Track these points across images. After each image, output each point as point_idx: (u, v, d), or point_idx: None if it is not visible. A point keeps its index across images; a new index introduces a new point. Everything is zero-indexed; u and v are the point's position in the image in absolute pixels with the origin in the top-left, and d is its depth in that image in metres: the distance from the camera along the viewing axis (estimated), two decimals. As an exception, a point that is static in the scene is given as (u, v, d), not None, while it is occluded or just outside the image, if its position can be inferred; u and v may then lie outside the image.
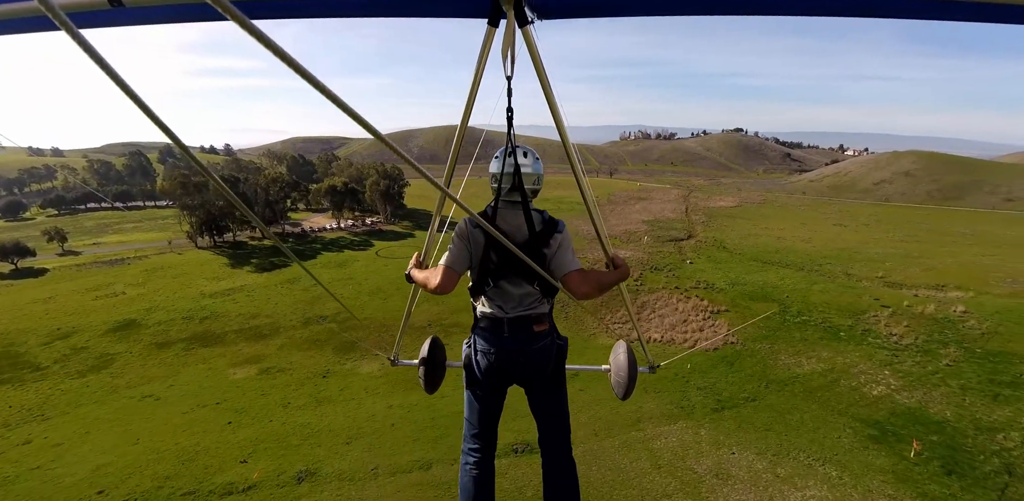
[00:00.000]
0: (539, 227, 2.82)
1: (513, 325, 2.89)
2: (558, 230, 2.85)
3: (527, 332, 2.91)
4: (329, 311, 47.97)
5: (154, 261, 72.01)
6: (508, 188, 2.83)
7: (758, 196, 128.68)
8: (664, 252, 65.12)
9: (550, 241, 2.80)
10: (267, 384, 33.46)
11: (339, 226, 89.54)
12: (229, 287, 57.76)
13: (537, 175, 2.90)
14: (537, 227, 2.81)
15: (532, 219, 2.80)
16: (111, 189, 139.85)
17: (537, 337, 2.94)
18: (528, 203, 2.85)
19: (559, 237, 2.82)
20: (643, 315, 41.27)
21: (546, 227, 2.85)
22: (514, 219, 2.84)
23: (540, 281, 2.82)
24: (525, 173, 2.82)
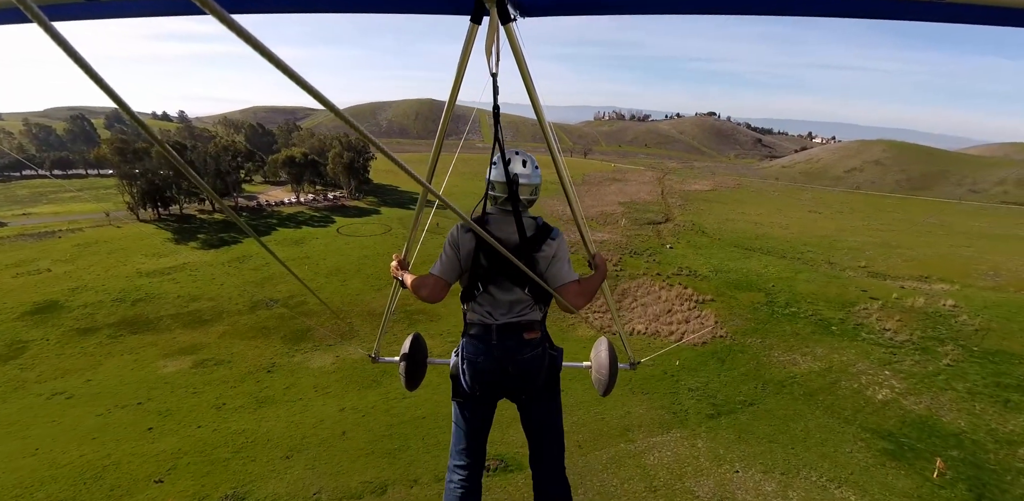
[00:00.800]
0: (531, 233, 2.76)
1: (502, 332, 2.78)
2: (552, 237, 2.79)
3: (516, 340, 2.78)
4: (281, 294, 43.51)
5: (88, 235, 65.37)
6: (504, 198, 2.75)
7: (732, 181, 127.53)
8: (643, 235, 62.37)
9: (543, 246, 2.74)
10: (201, 380, 29.20)
11: (298, 200, 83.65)
12: (170, 265, 52.36)
13: (534, 186, 2.82)
14: (529, 232, 2.74)
15: (523, 225, 2.70)
16: (49, 156, 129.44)
17: (527, 345, 2.80)
18: (520, 211, 2.71)
19: (553, 244, 2.77)
20: (624, 303, 38.34)
21: (538, 233, 2.78)
22: (507, 225, 2.75)
23: (531, 287, 2.74)
24: (522, 184, 2.74)
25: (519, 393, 2.94)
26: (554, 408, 3.07)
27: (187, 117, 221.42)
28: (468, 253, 2.77)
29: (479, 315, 2.84)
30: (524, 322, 2.81)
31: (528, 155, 2.84)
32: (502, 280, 2.76)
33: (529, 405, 3.00)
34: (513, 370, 2.81)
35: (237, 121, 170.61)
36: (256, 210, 78.11)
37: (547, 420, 3.03)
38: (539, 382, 2.92)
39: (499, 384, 2.88)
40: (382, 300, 42.02)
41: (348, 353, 31.64)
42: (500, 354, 2.78)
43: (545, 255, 2.74)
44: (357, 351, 31.95)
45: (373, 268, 49.47)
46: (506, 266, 2.65)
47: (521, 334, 2.79)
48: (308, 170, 78.89)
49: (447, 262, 2.79)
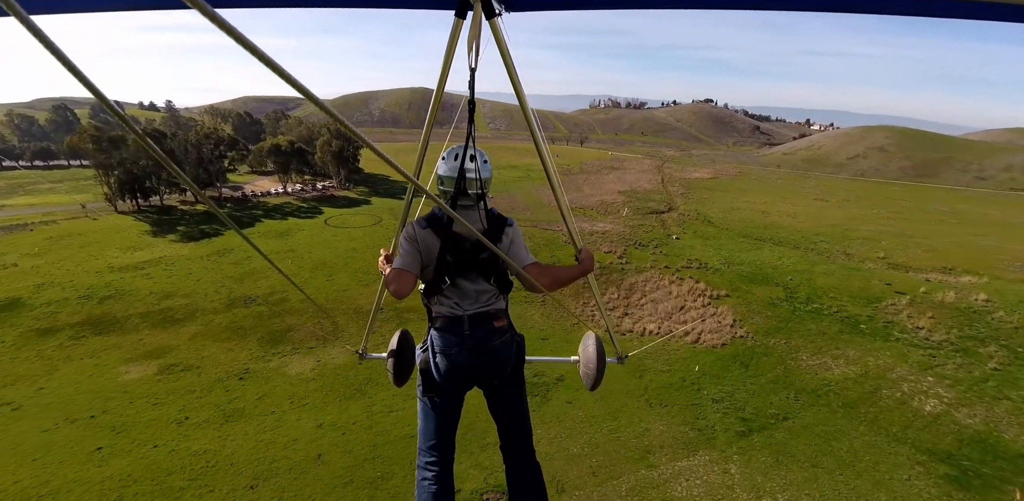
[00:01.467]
0: (488, 224, 2.85)
1: (473, 322, 2.84)
2: (508, 224, 2.91)
3: (487, 329, 2.86)
4: (261, 290, 40.32)
5: (62, 227, 61.78)
6: (452, 192, 2.81)
7: (733, 168, 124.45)
8: (646, 226, 59.33)
9: (502, 236, 2.85)
10: (165, 388, 26.14)
11: (285, 191, 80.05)
12: (145, 259, 49.03)
13: (483, 180, 2.83)
14: (487, 224, 2.85)
15: (483, 217, 2.83)
16: (29, 146, 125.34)
17: (497, 333, 2.89)
18: (484, 203, 2.86)
19: (510, 232, 2.89)
20: (633, 299, 35.39)
21: (496, 223, 2.88)
22: (467, 218, 2.80)
23: (496, 277, 2.86)
24: (469, 178, 2.78)
25: (492, 380, 2.98)
26: (521, 392, 3.12)
27: (174, 107, 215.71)
28: (431, 249, 2.80)
29: (448, 307, 2.86)
30: (492, 311, 2.89)
31: (478, 149, 2.81)
32: (469, 272, 2.82)
33: (499, 391, 3.05)
34: (486, 358, 2.86)
35: (225, 110, 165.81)
36: (241, 201, 74.51)
37: (516, 404, 3.09)
38: (509, 367, 2.97)
39: (473, 373, 2.90)
40: (370, 297, 38.96)
41: (330, 357, 28.62)
42: (473, 343, 2.81)
43: (504, 244, 2.84)
44: (340, 354, 28.96)
45: (362, 262, 46.32)
46: (473, 258, 2.76)
47: (491, 323, 2.86)
48: (295, 159, 75.23)
49: (408, 257, 2.79)
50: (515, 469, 3.03)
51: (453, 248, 2.79)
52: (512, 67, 2.11)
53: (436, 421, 2.98)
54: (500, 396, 3.07)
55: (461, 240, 2.80)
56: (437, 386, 2.94)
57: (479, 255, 2.79)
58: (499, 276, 2.86)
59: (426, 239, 2.80)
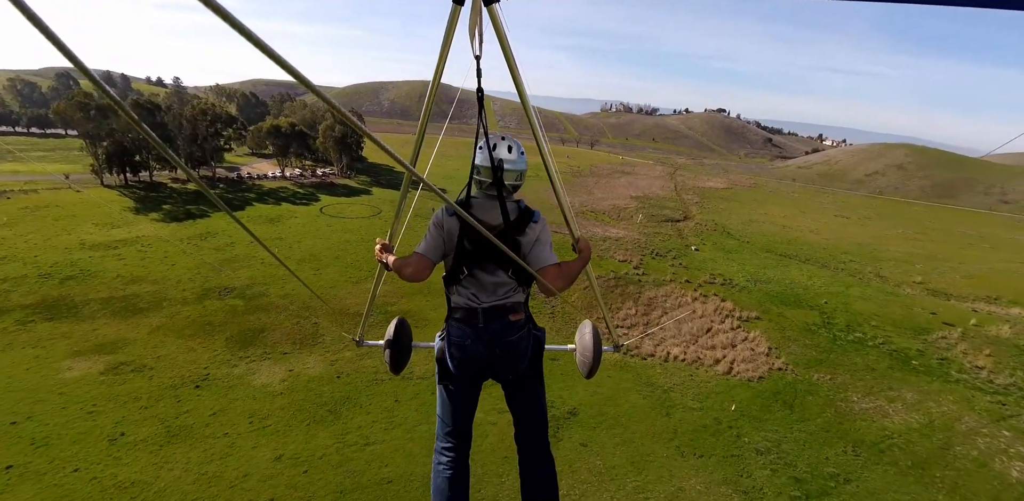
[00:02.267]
0: (514, 216, 2.76)
1: (488, 315, 2.78)
2: (534, 220, 2.80)
3: (503, 322, 2.79)
4: (239, 281, 36.43)
5: (41, 197, 57.91)
6: (489, 182, 2.75)
7: (747, 179, 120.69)
8: (663, 234, 55.50)
9: (526, 230, 2.75)
10: (106, 393, 22.32)
11: (283, 175, 76.10)
12: (121, 237, 45.18)
13: (519, 171, 2.80)
14: (512, 216, 2.75)
15: (507, 209, 2.72)
16: (27, 112, 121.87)
17: (513, 327, 2.82)
18: (504, 196, 2.75)
19: (535, 227, 2.78)
20: (653, 317, 31.60)
21: (521, 216, 2.79)
22: (490, 209, 2.77)
23: (515, 270, 2.77)
24: (507, 170, 2.73)
25: (506, 374, 2.93)
26: (539, 386, 3.08)
27: (181, 83, 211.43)
28: (452, 236, 2.76)
29: (464, 298, 2.81)
30: (509, 304, 2.81)
31: (515, 141, 2.81)
32: (487, 263, 2.75)
33: (515, 385, 3.00)
34: (500, 352, 2.80)
35: (231, 89, 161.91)
36: (235, 182, 70.56)
37: (533, 399, 3.04)
38: (525, 362, 2.91)
39: (487, 366, 2.85)
40: (360, 296, 35.14)
41: (305, 366, 24.78)
42: (488, 337, 2.76)
43: (528, 239, 2.75)
44: (317, 364, 25.16)
45: (354, 256, 42.47)
46: (491, 249, 2.62)
47: (507, 316, 2.79)
48: (295, 142, 71.26)
49: (431, 242, 2.77)
50: (528, 461, 2.98)
51: (471, 236, 2.72)
52: (511, 55, 2.07)
53: (452, 409, 2.95)
54: (516, 390, 3.01)
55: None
56: (451, 375, 2.91)
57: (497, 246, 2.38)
58: (518, 268, 2.70)
59: (450, 226, 2.75)
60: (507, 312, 2.79)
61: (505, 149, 2.74)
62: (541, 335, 3.03)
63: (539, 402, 3.07)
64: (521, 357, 2.89)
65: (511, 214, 2.74)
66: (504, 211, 2.71)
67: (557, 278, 2.68)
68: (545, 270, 2.69)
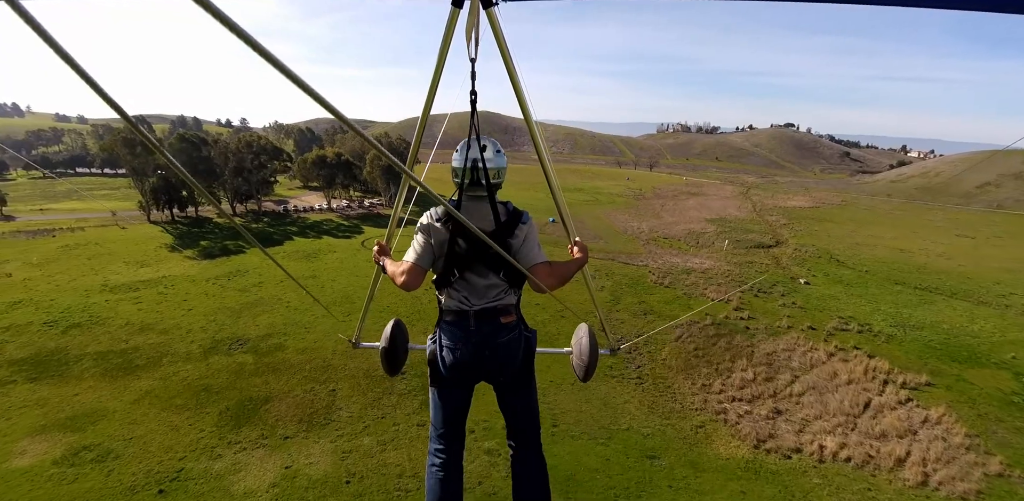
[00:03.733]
0: (504, 218, 2.74)
1: (479, 317, 2.75)
2: (523, 221, 2.77)
3: (494, 324, 2.76)
4: (258, 329, 31.02)
5: (86, 235, 56.37)
6: (468, 182, 2.74)
7: (834, 196, 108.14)
8: (756, 263, 46.49)
9: (515, 232, 2.72)
10: (49, 495, 16.53)
11: (329, 206, 72.66)
12: (147, 278, 41.43)
13: (497, 169, 2.77)
14: (502, 218, 2.73)
15: (497, 210, 2.71)
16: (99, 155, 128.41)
17: (504, 329, 2.78)
18: (494, 195, 2.74)
19: (524, 228, 2.75)
20: (781, 384, 23.20)
21: (511, 218, 2.76)
22: (478, 211, 2.74)
23: (506, 272, 2.73)
24: (482, 167, 2.70)
25: (498, 376, 2.90)
26: (531, 388, 3.04)
27: (247, 124, 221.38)
28: (442, 241, 2.72)
29: (456, 301, 2.78)
30: (500, 306, 2.78)
31: (491, 140, 2.76)
32: (478, 266, 2.73)
33: (507, 387, 2.96)
34: (491, 355, 2.77)
35: (289, 126, 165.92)
36: (280, 216, 67.50)
37: (524, 400, 3.01)
38: (517, 365, 2.88)
39: (478, 368, 2.82)
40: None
41: (308, 460, 18.20)
42: (478, 340, 2.74)
43: (517, 240, 2.72)
44: (323, 458, 18.51)
45: (392, 297, 36.34)
46: (482, 252, 2.65)
47: (498, 318, 2.76)
48: (341, 172, 67.68)
49: (421, 248, 2.73)
50: (520, 463, 2.96)
51: (461, 240, 2.70)
52: (509, 58, 2.05)
53: (444, 411, 2.93)
54: (508, 392, 2.97)
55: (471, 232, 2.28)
56: (443, 378, 2.89)
57: (488, 249, 2.46)
58: (509, 270, 2.69)
59: (440, 231, 2.73)
60: (498, 314, 2.74)
61: (479, 148, 2.67)
62: (532, 337, 2.94)
63: (531, 404, 3.01)
64: (512, 359, 2.82)
65: (501, 216, 2.71)
66: (495, 213, 2.68)
67: (548, 276, 2.62)
68: (535, 268, 2.64)
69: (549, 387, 23.83)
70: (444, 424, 2.92)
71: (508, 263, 2.47)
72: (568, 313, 26.79)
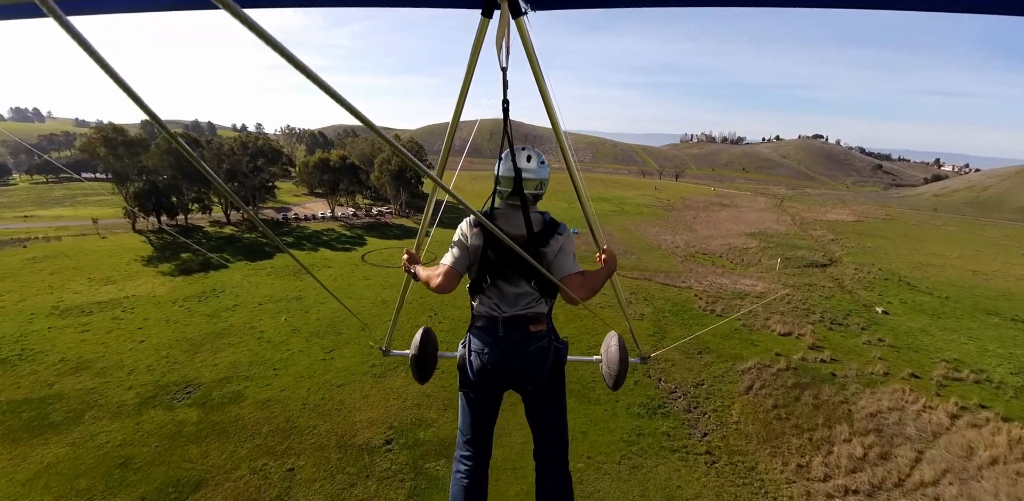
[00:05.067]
0: (538, 228, 2.69)
1: (508, 324, 2.69)
2: (558, 232, 2.72)
3: (523, 332, 2.70)
4: (215, 371, 25.03)
5: (60, 245, 51.12)
6: (509, 192, 2.71)
7: (875, 210, 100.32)
8: (818, 286, 39.54)
9: (550, 241, 2.67)
10: None
11: (333, 215, 67.05)
12: (107, 298, 35.84)
13: (539, 180, 2.74)
14: (536, 228, 2.68)
15: (531, 220, 2.66)
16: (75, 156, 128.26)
17: (533, 338, 2.72)
18: (527, 206, 2.70)
19: (559, 239, 2.70)
20: (901, 461, 16.38)
21: (546, 228, 2.71)
22: (514, 219, 2.69)
23: (538, 280, 2.70)
24: (527, 178, 2.68)
25: (524, 385, 2.82)
26: (559, 400, 2.95)
27: (262, 129, 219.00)
28: (476, 247, 2.70)
29: (487, 308, 2.74)
30: (530, 315, 2.72)
31: (535, 150, 2.74)
32: (510, 273, 2.69)
33: (534, 398, 2.88)
34: (519, 362, 2.71)
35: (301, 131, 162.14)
36: (278, 225, 62.00)
37: (552, 412, 2.90)
38: (544, 374, 2.80)
39: (505, 376, 2.75)
40: (383, 406, 22.41)
41: None
42: (506, 346, 2.69)
43: (551, 249, 2.66)
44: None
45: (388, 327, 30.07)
46: (514, 260, 2.60)
47: (527, 327, 2.70)
48: (346, 177, 62.11)
49: (458, 253, 2.69)
50: (545, 480, 2.85)
51: (494, 247, 2.68)
52: (538, 67, 2.03)
53: (471, 417, 2.86)
54: (536, 403, 2.88)
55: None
56: (471, 383, 2.84)
57: (520, 257, 2.24)
58: (541, 279, 2.64)
59: (475, 237, 2.71)
60: (528, 322, 2.69)
61: (524, 159, 2.67)
62: (563, 348, 2.88)
63: (559, 417, 2.91)
64: (540, 368, 2.74)
65: (536, 225, 2.66)
66: (528, 221, 2.64)
67: (580, 287, 2.56)
68: (568, 279, 2.59)
69: (587, 467, 17.40)
70: (471, 430, 2.84)
71: (540, 272, 2.33)
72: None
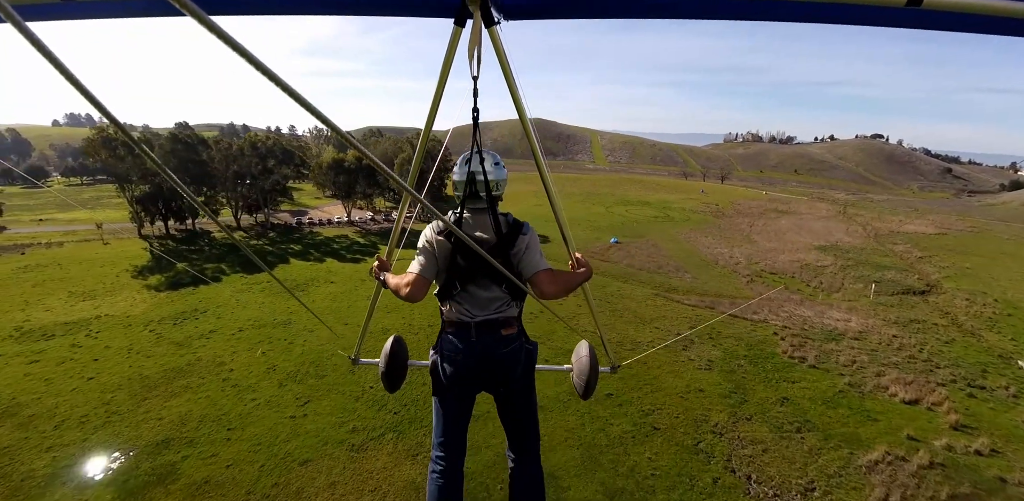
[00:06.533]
0: (504, 229, 2.69)
1: (481, 329, 2.71)
2: (523, 232, 2.71)
3: (495, 336, 2.72)
4: (158, 428, 19.48)
5: (58, 252, 47.57)
6: (465, 195, 2.70)
7: (957, 221, 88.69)
8: (927, 325, 31.46)
9: (516, 242, 2.68)
10: None
11: (349, 220, 62.00)
12: (79, 317, 31.29)
13: (495, 181, 2.71)
14: (503, 229, 2.69)
15: (499, 223, 2.67)
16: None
17: (505, 341, 2.75)
18: (496, 208, 2.71)
19: (525, 238, 2.70)
20: None
21: (511, 229, 2.71)
22: (480, 223, 2.71)
23: (508, 284, 2.72)
24: (480, 180, 2.66)
25: (497, 386, 2.88)
26: (530, 399, 3.00)
27: (294, 130, 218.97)
28: (445, 253, 2.69)
29: (457, 313, 2.74)
30: (502, 319, 2.75)
31: (490, 153, 2.71)
32: (480, 278, 2.69)
33: (507, 398, 2.93)
34: (491, 366, 2.76)
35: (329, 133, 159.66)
36: (288, 230, 57.27)
37: (524, 411, 2.97)
38: (516, 375, 2.85)
39: (478, 379, 2.81)
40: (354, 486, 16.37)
41: None
42: (479, 350, 2.71)
43: (518, 250, 2.67)
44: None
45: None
46: (484, 264, 2.61)
47: (499, 330, 2.73)
48: (363, 179, 56.88)
49: (425, 261, 2.68)
50: (519, 474, 2.92)
51: (463, 253, 2.67)
52: (511, 75, 2.09)
53: (445, 420, 2.86)
54: (508, 403, 2.94)
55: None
56: (444, 388, 2.84)
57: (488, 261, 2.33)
58: (511, 282, 2.57)
59: (441, 244, 2.69)
60: (499, 326, 2.71)
61: (477, 161, 2.64)
62: (533, 349, 2.92)
63: (530, 415, 2.97)
64: (512, 370, 2.79)
65: (502, 228, 2.67)
66: (497, 223, 2.65)
67: (550, 283, 2.57)
68: (537, 276, 2.59)
69: None
70: (444, 433, 2.84)
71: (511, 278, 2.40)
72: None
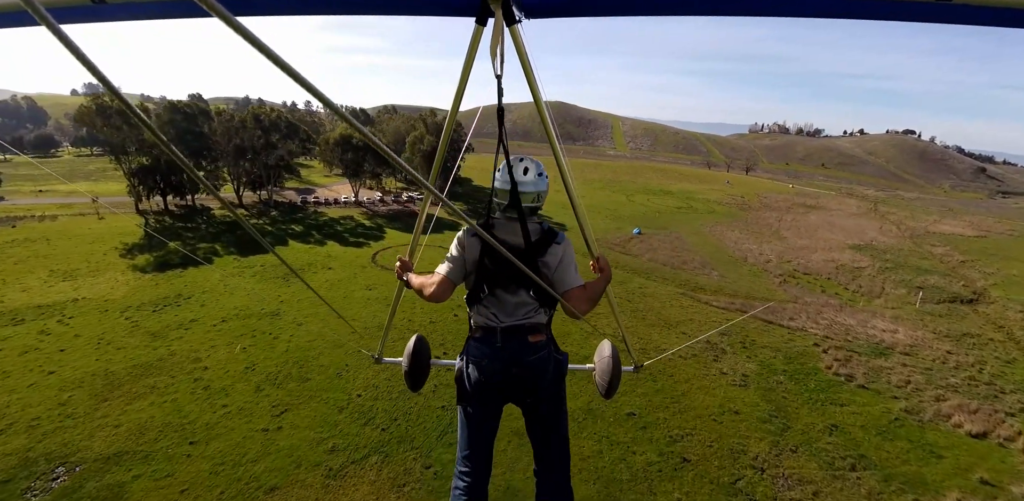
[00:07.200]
0: (536, 237, 2.64)
1: (506, 335, 2.63)
2: (556, 241, 2.66)
3: (521, 342, 2.64)
4: (113, 439, 17.02)
5: (50, 226, 45.41)
6: (506, 204, 2.65)
7: (995, 223, 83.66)
8: (981, 340, 28.16)
9: (547, 250, 2.62)
10: None
11: (356, 200, 59.22)
12: (54, 300, 29.14)
13: (537, 193, 2.67)
14: (534, 237, 2.63)
15: (529, 231, 2.60)
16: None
17: (532, 348, 2.66)
18: (525, 218, 2.60)
19: (558, 248, 2.64)
20: None
21: (543, 237, 2.66)
22: (512, 230, 2.64)
23: (536, 290, 2.64)
24: (524, 192, 2.61)
25: (524, 396, 2.76)
26: (560, 413, 2.86)
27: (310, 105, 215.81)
28: (474, 256, 2.66)
29: (485, 317, 2.69)
30: (529, 325, 2.67)
31: (534, 162, 2.67)
32: (508, 283, 2.63)
33: (534, 410, 2.81)
34: (517, 373, 2.65)
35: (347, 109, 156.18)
36: (293, 209, 54.67)
37: (553, 425, 2.83)
38: (544, 385, 2.73)
39: (504, 386, 2.69)
40: None
41: None
42: (505, 356, 2.63)
43: (550, 260, 2.62)
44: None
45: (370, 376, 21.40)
46: (511, 269, 2.52)
47: (526, 337, 2.65)
48: (371, 157, 53.93)
49: (453, 263, 2.65)
50: (545, 495, 2.78)
51: (491, 256, 2.62)
52: (532, 73, 2.08)
53: (470, 431, 2.77)
54: (536, 416, 2.81)
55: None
56: (469, 395, 2.74)
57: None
58: (540, 288, 2.52)
59: (472, 247, 2.66)
60: (526, 332, 2.64)
61: (521, 171, 2.60)
62: (564, 359, 2.80)
63: (561, 429, 2.84)
64: (539, 379, 2.68)
65: (532, 235, 2.62)
66: (525, 232, 2.57)
67: (583, 301, 2.56)
68: (570, 293, 2.57)
69: None
70: (469, 445, 2.75)
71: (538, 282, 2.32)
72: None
